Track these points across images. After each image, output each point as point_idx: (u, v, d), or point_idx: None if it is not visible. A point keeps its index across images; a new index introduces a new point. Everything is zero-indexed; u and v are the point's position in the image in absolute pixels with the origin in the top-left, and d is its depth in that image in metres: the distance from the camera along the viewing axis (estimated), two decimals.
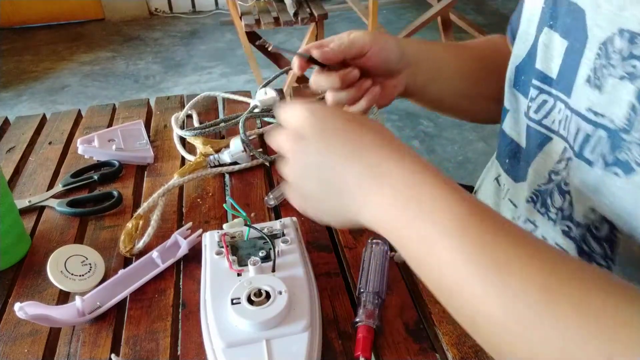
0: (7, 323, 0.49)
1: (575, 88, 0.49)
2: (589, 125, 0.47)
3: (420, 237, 0.36)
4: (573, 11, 0.50)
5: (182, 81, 2.92)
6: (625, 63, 0.42)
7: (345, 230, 0.58)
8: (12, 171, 0.71)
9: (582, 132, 0.48)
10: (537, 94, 0.55)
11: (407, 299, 0.50)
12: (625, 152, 0.43)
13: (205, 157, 0.69)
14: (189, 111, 0.81)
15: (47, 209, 0.63)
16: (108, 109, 0.85)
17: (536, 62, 0.55)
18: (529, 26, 0.57)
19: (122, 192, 0.64)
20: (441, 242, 0.34)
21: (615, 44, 0.44)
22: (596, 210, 0.47)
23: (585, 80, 0.47)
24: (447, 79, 0.66)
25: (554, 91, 0.53)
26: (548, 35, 0.53)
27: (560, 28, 0.52)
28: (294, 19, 2.14)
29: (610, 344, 0.29)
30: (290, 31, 3.40)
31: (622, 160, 0.43)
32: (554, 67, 0.53)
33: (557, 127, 0.53)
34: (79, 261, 0.52)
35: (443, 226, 0.34)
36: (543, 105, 0.55)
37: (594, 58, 0.47)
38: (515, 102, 0.61)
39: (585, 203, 0.48)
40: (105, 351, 0.46)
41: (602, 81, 0.45)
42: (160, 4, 3.82)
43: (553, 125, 0.54)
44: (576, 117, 0.49)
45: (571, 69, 0.50)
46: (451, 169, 2.08)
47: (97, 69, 3.07)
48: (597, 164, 0.46)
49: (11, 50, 3.30)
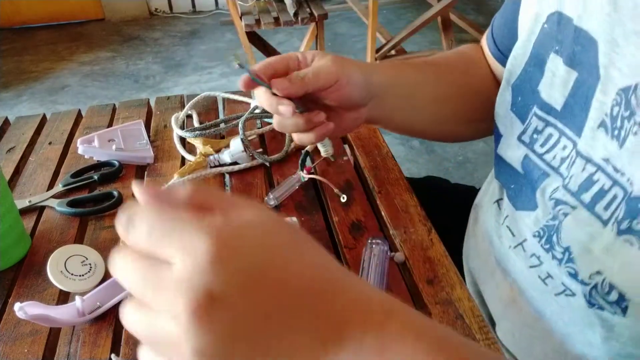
0: (7, 323, 0.49)
1: (586, 130, 0.45)
2: (607, 179, 0.43)
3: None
4: (582, 39, 0.45)
5: (182, 81, 2.92)
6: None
7: (345, 230, 0.58)
8: (12, 171, 0.71)
9: (595, 183, 0.44)
10: (543, 127, 0.51)
11: (407, 299, 0.50)
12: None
13: (205, 157, 0.69)
14: (189, 111, 0.81)
15: (47, 209, 0.63)
16: (108, 109, 0.85)
17: (540, 88, 0.51)
18: (526, 44, 0.53)
19: (122, 192, 0.64)
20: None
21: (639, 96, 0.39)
22: (602, 274, 0.43)
23: (599, 125, 0.43)
24: (417, 107, 0.61)
25: (560, 124, 0.49)
26: (555, 62, 0.49)
27: (566, 55, 0.47)
28: (294, 19, 2.14)
29: None
30: (290, 31, 3.40)
31: (637, 230, 0.39)
32: (558, 97, 0.49)
33: (558, 164, 0.50)
34: (79, 261, 0.52)
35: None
36: (548, 140, 0.51)
37: (611, 103, 0.42)
38: (511, 126, 0.56)
39: (591, 263, 0.44)
40: (105, 351, 0.46)
41: (621, 133, 0.41)
42: (160, 4, 3.82)
43: (553, 162, 0.50)
44: (588, 164, 0.45)
45: (580, 105, 0.46)
46: (451, 168, 2.08)
47: (97, 69, 3.07)
48: (609, 225, 0.42)
49: (11, 51, 3.30)
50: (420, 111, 0.61)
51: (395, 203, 0.61)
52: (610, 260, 0.42)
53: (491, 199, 0.62)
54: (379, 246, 0.53)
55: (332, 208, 0.61)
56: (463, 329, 0.46)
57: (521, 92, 0.54)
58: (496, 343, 0.44)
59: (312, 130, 0.51)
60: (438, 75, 0.63)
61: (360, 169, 0.68)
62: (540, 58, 0.51)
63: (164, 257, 0.25)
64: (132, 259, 0.26)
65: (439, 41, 2.77)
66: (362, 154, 0.70)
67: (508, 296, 0.56)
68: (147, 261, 0.26)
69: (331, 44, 3.22)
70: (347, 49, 3.19)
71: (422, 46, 3.00)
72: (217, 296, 0.24)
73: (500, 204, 0.60)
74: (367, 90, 0.53)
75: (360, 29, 3.35)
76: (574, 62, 0.46)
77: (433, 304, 0.49)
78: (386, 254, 0.53)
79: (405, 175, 0.66)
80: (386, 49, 2.39)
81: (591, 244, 0.44)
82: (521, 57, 0.54)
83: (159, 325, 0.25)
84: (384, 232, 0.58)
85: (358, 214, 0.60)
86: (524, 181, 0.54)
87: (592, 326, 0.46)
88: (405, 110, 0.60)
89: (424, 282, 0.51)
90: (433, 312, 0.48)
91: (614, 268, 0.42)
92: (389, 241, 0.56)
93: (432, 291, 0.50)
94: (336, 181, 0.65)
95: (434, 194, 0.80)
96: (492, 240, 0.60)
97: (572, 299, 0.48)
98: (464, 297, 0.49)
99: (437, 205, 0.67)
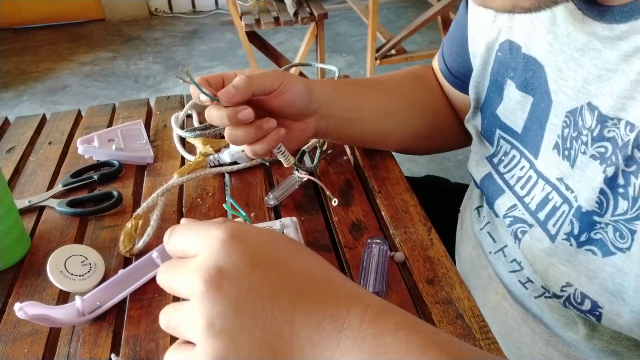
0: (7, 323, 0.49)
1: (542, 151, 0.47)
2: (559, 198, 0.45)
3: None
4: (532, 65, 0.48)
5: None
6: (597, 144, 0.40)
7: (345, 230, 0.58)
8: (12, 171, 0.71)
9: (549, 202, 0.46)
10: (509, 149, 0.53)
11: (407, 299, 0.50)
12: (601, 233, 0.41)
13: (205, 157, 0.69)
14: (188, 111, 0.81)
15: (47, 209, 0.63)
16: (108, 109, 0.85)
17: (500, 113, 0.53)
18: (484, 73, 0.56)
19: (122, 192, 0.64)
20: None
21: (585, 119, 0.42)
22: (573, 285, 0.44)
23: (554, 147, 0.45)
24: (364, 119, 0.62)
25: (520, 146, 0.51)
26: (511, 88, 0.51)
27: (520, 81, 0.50)
28: (294, 18, 2.14)
29: None
30: (290, 31, 3.40)
31: (597, 239, 0.41)
32: (517, 121, 0.51)
33: (514, 182, 0.52)
34: (79, 261, 0.52)
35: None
36: (512, 161, 0.53)
37: (561, 125, 0.44)
38: (480, 146, 0.59)
39: (557, 276, 0.45)
40: (105, 351, 0.46)
41: (572, 153, 0.43)
42: (160, 4, 3.82)
43: (511, 181, 0.52)
44: (546, 185, 0.47)
45: (537, 128, 0.48)
46: (451, 168, 2.07)
47: (97, 69, 3.07)
48: (558, 239, 0.44)
49: (11, 51, 3.30)
50: (367, 124, 0.63)
51: (395, 203, 0.61)
52: (575, 272, 0.43)
53: (472, 206, 0.63)
54: (379, 246, 0.53)
55: (332, 208, 0.61)
56: (463, 329, 0.46)
57: (485, 116, 0.57)
58: (496, 343, 0.44)
59: (263, 138, 0.51)
60: (383, 89, 0.64)
61: (360, 169, 0.68)
62: (498, 84, 0.53)
63: (192, 254, 0.30)
64: (170, 262, 0.32)
65: (439, 41, 2.77)
66: (362, 153, 0.70)
67: (494, 300, 0.57)
68: (179, 259, 0.31)
69: (331, 43, 3.22)
70: (347, 49, 3.19)
71: (422, 46, 3.00)
72: (226, 272, 0.28)
73: (480, 211, 0.62)
74: (309, 97, 0.55)
75: (360, 28, 3.35)
76: (528, 87, 0.48)
77: (433, 303, 0.49)
78: (386, 253, 0.53)
79: (405, 175, 0.66)
80: (386, 49, 2.38)
81: (551, 258, 0.46)
82: (482, 85, 0.57)
83: (181, 307, 0.30)
84: (383, 232, 0.58)
85: (358, 213, 0.60)
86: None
87: (575, 325, 0.47)
88: (352, 122, 0.61)
89: (424, 282, 0.50)
90: (433, 312, 0.48)
91: (580, 279, 0.43)
92: (389, 241, 0.56)
93: (432, 291, 0.50)
94: (336, 181, 0.65)
95: (434, 194, 0.80)
96: (475, 245, 0.60)
97: (551, 301, 0.48)
98: (464, 296, 0.49)
99: (437, 205, 0.67)
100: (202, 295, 0.28)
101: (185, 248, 0.31)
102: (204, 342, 0.28)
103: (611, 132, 0.39)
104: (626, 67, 0.37)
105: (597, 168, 0.40)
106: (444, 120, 0.69)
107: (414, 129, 0.66)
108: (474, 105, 0.59)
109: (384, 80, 0.66)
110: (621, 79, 0.38)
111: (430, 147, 0.72)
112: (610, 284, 0.41)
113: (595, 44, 0.40)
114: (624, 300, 0.40)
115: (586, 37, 0.40)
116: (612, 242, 0.40)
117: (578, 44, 0.41)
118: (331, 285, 0.30)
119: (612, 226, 0.39)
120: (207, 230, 0.30)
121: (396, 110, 0.64)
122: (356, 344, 0.28)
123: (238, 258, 0.29)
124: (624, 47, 0.37)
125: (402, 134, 0.66)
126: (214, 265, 0.28)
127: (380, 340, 0.28)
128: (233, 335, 0.28)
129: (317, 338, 0.28)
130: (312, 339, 0.28)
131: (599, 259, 0.41)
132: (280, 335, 0.28)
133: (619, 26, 0.37)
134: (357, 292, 0.30)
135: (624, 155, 0.38)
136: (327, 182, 0.65)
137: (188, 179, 0.65)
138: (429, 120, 0.67)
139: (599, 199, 0.40)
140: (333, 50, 3.18)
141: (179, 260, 0.31)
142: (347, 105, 0.60)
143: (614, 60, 0.38)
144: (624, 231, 0.39)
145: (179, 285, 0.30)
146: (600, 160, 0.40)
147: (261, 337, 0.28)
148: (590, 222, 0.41)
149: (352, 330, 0.28)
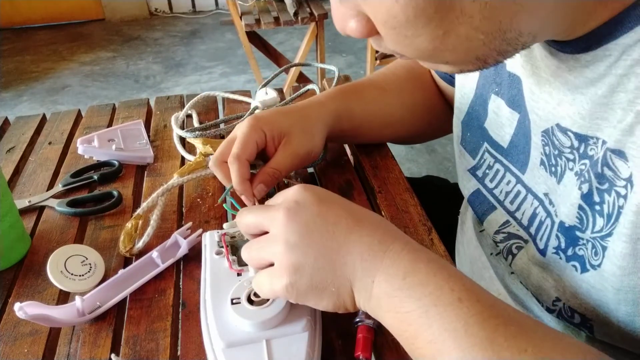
0: (7, 323, 0.49)
1: (530, 166, 0.48)
2: (544, 212, 0.46)
3: (425, 334, 0.34)
4: (515, 83, 0.49)
5: (182, 81, 2.93)
6: (582, 161, 0.41)
7: None
8: (12, 171, 0.71)
9: (537, 216, 0.47)
10: (493, 163, 0.54)
11: None
12: (583, 249, 0.41)
13: (205, 157, 0.69)
14: (188, 111, 0.81)
15: (47, 209, 0.63)
16: (108, 109, 0.85)
17: (486, 127, 0.54)
18: (470, 84, 0.56)
19: (122, 192, 0.64)
20: (451, 343, 0.32)
21: (560, 139, 0.42)
22: (561, 300, 0.45)
23: (540, 163, 0.46)
24: (365, 135, 0.67)
25: (505, 161, 0.52)
26: (496, 103, 0.52)
27: (506, 97, 0.50)
28: (294, 18, 2.14)
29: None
30: (290, 31, 3.40)
31: (580, 255, 0.41)
32: (504, 136, 0.51)
33: (503, 198, 0.52)
34: (79, 261, 0.52)
35: (453, 328, 0.33)
36: (496, 175, 0.54)
37: (541, 143, 0.45)
38: (460, 158, 0.60)
39: (548, 292, 0.46)
40: (105, 351, 0.46)
41: (558, 170, 0.44)
42: (160, 4, 3.82)
43: (500, 196, 0.53)
44: (535, 200, 0.48)
45: (523, 144, 0.48)
46: (451, 168, 2.07)
47: (98, 69, 3.07)
48: (548, 254, 0.44)
49: (11, 51, 3.30)
50: (368, 134, 0.68)
51: (395, 203, 0.61)
52: (562, 287, 0.44)
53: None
54: None
55: None
56: None
57: (470, 128, 0.58)
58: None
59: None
60: (386, 101, 0.67)
61: (360, 169, 0.68)
62: (483, 99, 0.54)
63: (273, 210, 0.40)
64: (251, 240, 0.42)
65: None
66: (362, 154, 0.70)
67: None
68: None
69: (331, 43, 3.22)
70: (347, 49, 3.19)
71: None
72: (300, 203, 0.38)
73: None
74: (312, 144, 0.59)
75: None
76: (515, 104, 0.49)
77: None
78: None
79: (405, 175, 0.66)
80: None
81: (544, 272, 0.46)
82: (467, 96, 0.57)
83: (262, 238, 0.41)
84: None
85: None
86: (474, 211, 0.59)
87: (574, 331, 0.47)
88: (355, 138, 0.68)
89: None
90: None
91: (566, 294, 0.43)
92: None
93: None
94: (336, 181, 0.65)
95: (434, 194, 0.80)
96: (476, 246, 0.60)
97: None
98: None
99: (437, 205, 0.67)
100: (283, 220, 0.38)
101: (266, 209, 0.41)
102: (282, 255, 0.37)
103: (592, 149, 0.40)
104: (593, 89, 0.38)
105: (574, 184, 0.41)
106: (442, 118, 0.71)
107: (414, 131, 0.69)
108: (455, 114, 0.61)
109: (387, 88, 0.68)
110: (591, 100, 0.39)
111: (427, 139, 0.77)
112: (591, 300, 0.41)
113: (564, 70, 0.41)
114: (608, 314, 0.40)
115: (557, 62, 0.42)
116: (589, 259, 0.40)
117: (549, 70, 0.43)
118: (382, 223, 0.39)
119: (592, 243, 0.40)
120: (282, 193, 0.41)
121: (397, 119, 0.68)
122: (395, 263, 0.36)
123: (310, 196, 0.39)
124: (590, 75, 0.38)
125: (399, 138, 0.72)
126: (293, 199, 0.39)
127: (415, 265, 0.36)
128: (303, 248, 0.37)
129: (366, 255, 0.37)
130: (362, 256, 0.37)
131: (577, 275, 0.42)
132: (338, 250, 0.37)
133: (581, 56, 0.39)
134: (402, 233, 0.39)
135: (595, 173, 0.38)
136: (327, 182, 0.65)
137: (188, 179, 0.65)
138: (427, 121, 0.70)
139: (579, 215, 0.41)
140: (333, 50, 3.18)
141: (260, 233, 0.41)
142: (353, 124, 0.65)
143: (582, 85, 0.39)
144: (598, 248, 0.39)
145: (266, 225, 0.40)
146: (578, 177, 0.41)
147: (324, 251, 0.37)
148: (574, 237, 0.42)
149: (394, 252, 0.36)
